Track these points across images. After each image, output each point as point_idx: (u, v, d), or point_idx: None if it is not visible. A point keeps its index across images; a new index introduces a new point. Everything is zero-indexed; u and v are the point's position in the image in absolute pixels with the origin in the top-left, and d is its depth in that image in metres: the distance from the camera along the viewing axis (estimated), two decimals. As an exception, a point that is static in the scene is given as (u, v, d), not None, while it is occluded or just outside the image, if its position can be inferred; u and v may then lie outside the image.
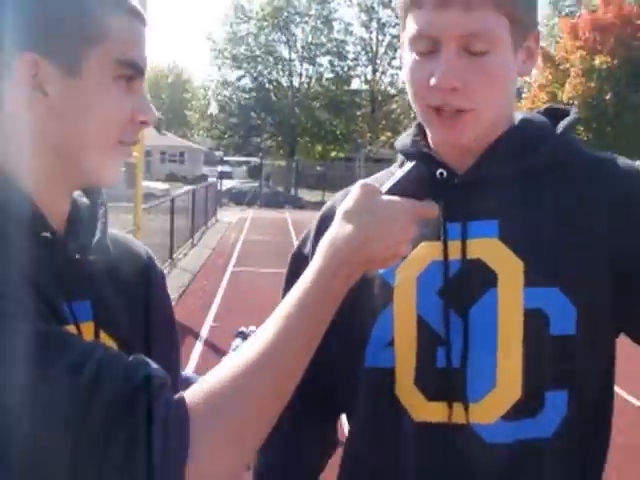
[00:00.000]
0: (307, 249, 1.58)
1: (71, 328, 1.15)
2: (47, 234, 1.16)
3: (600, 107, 35.06)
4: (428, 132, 1.46)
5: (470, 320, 1.33)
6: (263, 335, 1.11)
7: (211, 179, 39.70)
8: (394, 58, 57.55)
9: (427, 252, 1.38)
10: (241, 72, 57.80)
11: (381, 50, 57.78)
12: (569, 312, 1.31)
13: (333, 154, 57.46)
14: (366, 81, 58.01)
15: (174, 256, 15.80)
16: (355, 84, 58.84)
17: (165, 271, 13.92)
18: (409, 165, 1.25)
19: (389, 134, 56.92)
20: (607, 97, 35.05)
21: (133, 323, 1.32)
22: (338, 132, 55.88)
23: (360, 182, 1.21)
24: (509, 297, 1.32)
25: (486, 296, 1.33)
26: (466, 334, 1.32)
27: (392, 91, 57.90)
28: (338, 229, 1.18)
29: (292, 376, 1.12)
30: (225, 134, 57.59)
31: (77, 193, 1.31)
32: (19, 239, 1.10)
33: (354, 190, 1.20)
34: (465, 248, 1.36)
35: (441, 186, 1.40)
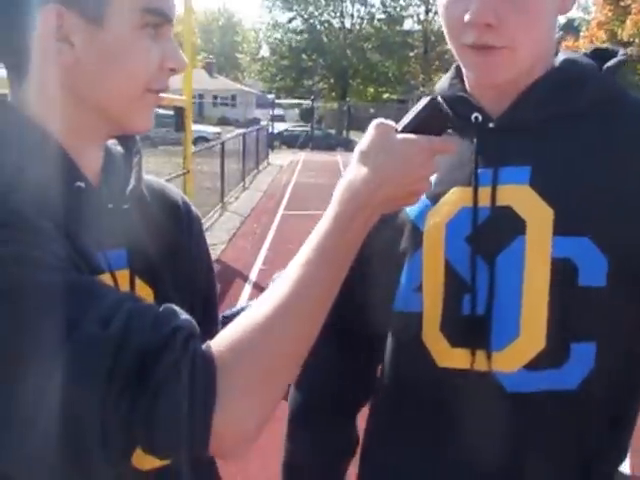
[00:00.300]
0: None
1: (106, 277, 1.15)
2: (81, 184, 1.15)
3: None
4: (464, 73, 1.43)
5: (496, 268, 1.30)
6: (284, 282, 1.09)
7: (263, 122, 39.68)
8: (447, -3, 56.72)
9: (458, 197, 1.36)
10: (292, 14, 57.65)
11: (434, -11, 56.95)
12: (599, 262, 1.27)
13: (385, 96, 57.18)
14: (419, 21, 57.44)
15: (225, 199, 15.88)
16: (407, 24, 58.45)
17: (216, 215, 14.02)
18: (424, 101, 1.18)
19: (442, 75, 56.34)
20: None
21: (170, 269, 1.31)
22: (390, 74, 55.55)
23: (375, 121, 1.17)
24: (537, 245, 1.29)
25: (514, 244, 1.30)
26: (492, 282, 1.30)
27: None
28: (354, 171, 1.15)
29: (315, 320, 1.11)
30: (277, 77, 57.52)
31: (111, 142, 1.31)
32: (53, 188, 1.10)
33: (369, 130, 1.16)
34: (495, 195, 1.33)
35: (476, 130, 1.37)
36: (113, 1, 1.11)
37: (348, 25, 57.13)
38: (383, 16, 57.09)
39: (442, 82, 1.52)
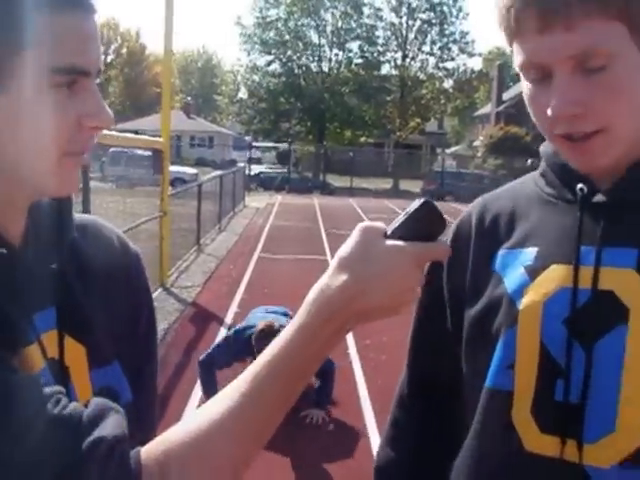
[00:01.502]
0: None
1: (33, 348, 1.09)
2: (1, 250, 1.09)
3: None
4: None
5: (594, 355, 1.24)
6: (232, 395, 1.04)
7: (240, 164, 39.73)
8: (424, 43, 57.35)
9: (557, 276, 1.29)
10: (270, 57, 57.76)
11: (411, 35, 57.49)
12: None
13: (362, 140, 57.40)
14: (395, 66, 57.76)
15: (201, 242, 15.84)
16: (384, 69, 58.77)
17: (192, 257, 14.02)
18: (417, 202, 1.12)
19: (418, 120, 56.80)
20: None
21: (105, 319, 1.25)
22: (367, 118, 55.77)
23: (361, 224, 1.11)
24: (639, 336, 1.22)
25: (614, 332, 1.23)
26: (588, 369, 1.24)
27: (422, 76, 57.66)
28: (331, 278, 1.08)
29: (259, 438, 1.06)
30: (254, 119, 57.51)
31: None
32: None
33: (353, 233, 1.10)
34: (597, 277, 1.26)
35: (580, 203, 1.31)
36: (14, 63, 1.01)
37: (326, 69, 57.45)
38: (361, 61, 57.43)
39: (545, 147, 1.44)
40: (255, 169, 43.23)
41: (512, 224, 1.41)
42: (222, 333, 8.89)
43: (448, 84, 57.55)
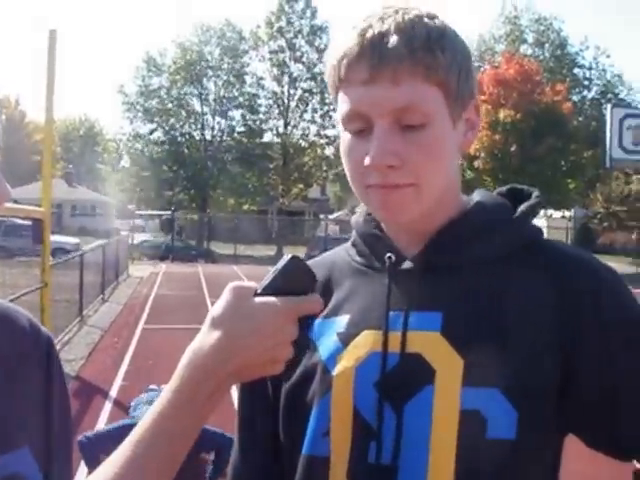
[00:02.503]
0: None
1: None
2: None
3: (505, 159, 36.44)
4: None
5: (404, 416, 1.27)
6: (117, 461, 1.03)
7: (123, 233, 39.31)
8: (305, 112, 58.16)
9: (368, 341, 1.32)
10: (153, 125, 57.68)
11: (292, 104, 58.26)
12: (509, 415, 1.24)
13: (245, 207, 57.57)
14: (278, 134, 58.36)
15: (84, 313, 15.53)
16: (267, 137, 59.26)
17: (75, 328, 13.70)
18: (285, 259, 1.16)
19: (301, 186, 57.33)
20: (512, 149, 36.36)
21: (15, 405, 1.19)
22: (250, 185, 56.05)
23: (231, 284, 1.14)
24: (445, 396, 1.25)
25: (422, 393, 1.27)
26: (399, 430, 1.26)
27: (304, 144, 58.37)
28: (203, 338, 1.10)
29: None
30: (137, 187, 57.17)
31: None
32: None
33: (224, 293, 1.13)
34: (405, 341, 1.30)
35: (388, 271, 1.35)
36: None
37: (209, 137, 57.64)
38: (243, 129, 57.88)
39: (357, 217, 1.49)
40: (138, 238, 42.81)
41: (327, 293, 1.44)
42: (108, 406, 8.69)
43: (329, 151, 58.37)
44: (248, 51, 58.43)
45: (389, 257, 1.36)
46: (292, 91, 58.09)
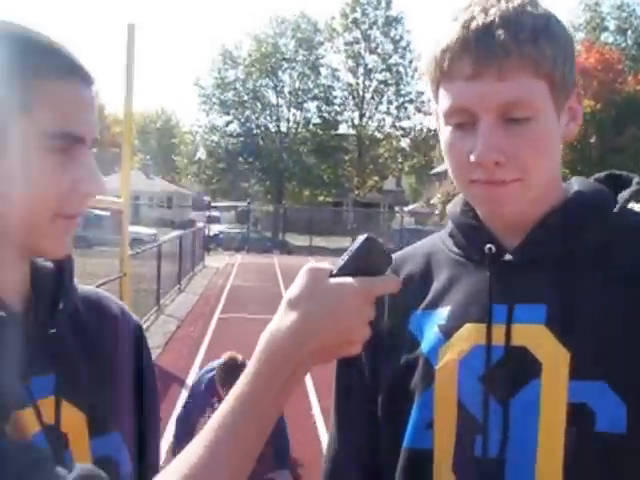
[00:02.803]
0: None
1: (27, 412, 1.08)
2: (1, 313, 1.09)
3: (585, 150, 35.63)
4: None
5: (511, 410, 1.26)
6: (197, 449, 1.02)
7: (199, 224, 39.66)
8: (380, 103, 57.98)
9: (471, 334, 1.31)
10: (229, 117, 58.06)
11: (367, 95, 58.15)
12: (618, 408, 1.21)
13: (321, 199, 57.60)
14: (353, 126, 58.30)
15: (161, 302, 15.72)
16: (342, 129, 59.23)
17: (152, 317, 13.89)
18: (360, 239, 1.12)
19: (376, 178, 57.22)
20: (591, 140, 35.63)
21: (107, 389, 1.24)
22: (325, 177, 56.06)
23: (307, 266, 1.11)
24: (552, 389, 1.24)
25: (529, 387, 1.25)
26: (506, 424, 1.26)
27: (379, 136, 58.21)
28: (280, 321, 1.08)
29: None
30: (213, 179, 57.62)
31: (41, 259, 1.23)
32: None
33: (300, 275, 1.10)
34: (510, 334, 1.28)
35: (489, 263, 1.34)
36: (13, 129, 1.04)
37: (284, 129, 57.80)
38: (318, 120, 57.92)
39: (453, 206, 1.47)
40: (214, 229, 43.18)
41: (424, 285, 1.43)
42: (184, 395, 8.79)
43: (405, 143, 58.20)
44: (323, 43, 58.46)
45: (489, 249, 1.34)
46: (367, 82, 58.02)
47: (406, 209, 62.80)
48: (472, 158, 1.23)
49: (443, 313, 1.36)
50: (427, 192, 73.71)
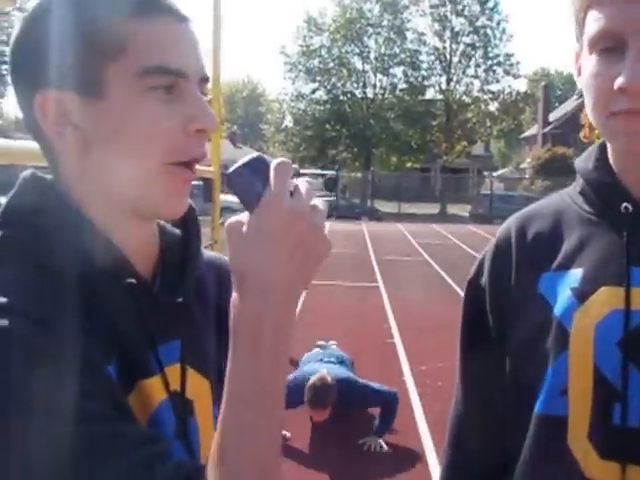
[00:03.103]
0: (484, 279, 1.47)
1: (155, 380, 1.08)
2: (132, 280, 1.06)
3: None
4: (612, 157, 1.34)
5: None
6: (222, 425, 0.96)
7: (287, 192, 39.79)
8: (468, 67, 57.19)
9: (607, 298, 1.26)
10: (315, 85, 58.00)
11: (455, 59, 57.41)
12: None
13: (409, 165, 57.31)
14: (440, 91, 57.65)
15: (251, 270, 15.84)
16: (429, 94, 58.64)
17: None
18: (245, 160, 0.96)
19: (464, 143, 56.56)
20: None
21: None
22: (413, 142, 55.68)
23: (226, 228, 0.96)
24: None
25: None
26: None
27: (467, 100, 57.48)
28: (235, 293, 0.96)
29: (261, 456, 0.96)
30: (300, 147, 57.73)
31: (169, 226, 1.22)
32: (104, 287, 1.03)
33: (228, 237, 0.96)
34: None
35: (627, 222, 1.28)
36: (109, 70, 1.01)
37: (371, 95, 57.54)
38: (405, 86, 57.44)
39: (583, 161, 1.40)
40: (302, 196, 43.10)
41: (554, 245, 1.38)
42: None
43: (493, 107, 57.29)
44: (408, 6, 57.77)
45: (626, 207, 1.28)
46: (454, 46, 57.24)
47: (495, 174, 62.14)
48: (617, 83, 1.17)
49: (576, 275, 1.31)
50: (516, 157, 72.82)
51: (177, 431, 1.11)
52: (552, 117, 62.65)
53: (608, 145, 1.36)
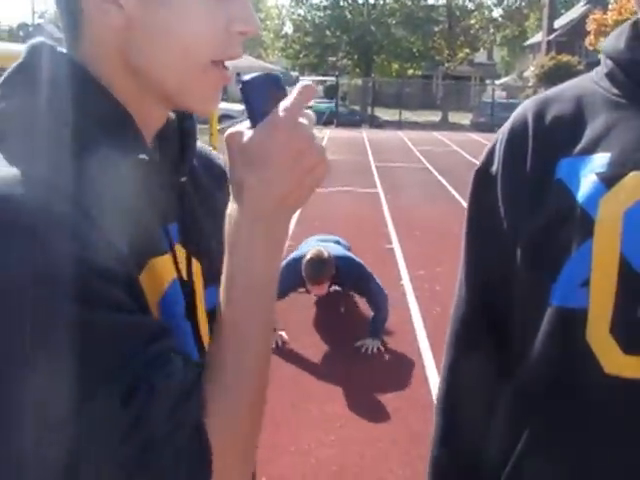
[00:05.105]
0: (494, 167, 1.39)
1: (166, 258, 1.08)
2: (144, 156, 1.05)
3: None
4: None
5: None
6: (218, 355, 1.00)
7: (287, 99, 39.54)
8: (472, -29, 56.23)
9: (638, 184, 1.18)
10: (315, -11, 57.11)
11: (459, -37, 56.41)
12: None
13: (410, 72, 56.90)
14: (443, -4, 56.81)
15: (250, 176, 15.85)
16: (431, -1, 57.76)
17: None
18: (262, 74, 1.00)
19: (467, 50, 56.01)
20: None
21: (219, 242, 1.17)
22: (415, 49, 55.17)
23: (226, 138, 0.98)
24: None
25: None
26: None
27: (470, 6, 56.75)
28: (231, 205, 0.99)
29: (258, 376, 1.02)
30: (300, 54, 57.16)
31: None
32: (118, 159, 1.01)
33: (227, 147, 0.98)
34: None
35: None
36: None
37: (372, 0, 56.76)
38: (407, -9, 56.70)
39: (613, 41, 1.32)
40: (302, 104, 42.86)
41: (576, 128, 1.29)
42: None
43: (497, 13, 56.79)
44: None
45: None
46: (458, -51, 56.16)
47: (498, 82, 61.59)
48: None
49: (602, 160, 1.22)
50: (520, 65, 72.03)
51: (187, 312, 1.13)
52: (557, 24, 61.67)
53: None
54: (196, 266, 1.17)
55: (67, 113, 1.00)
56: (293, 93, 0.97)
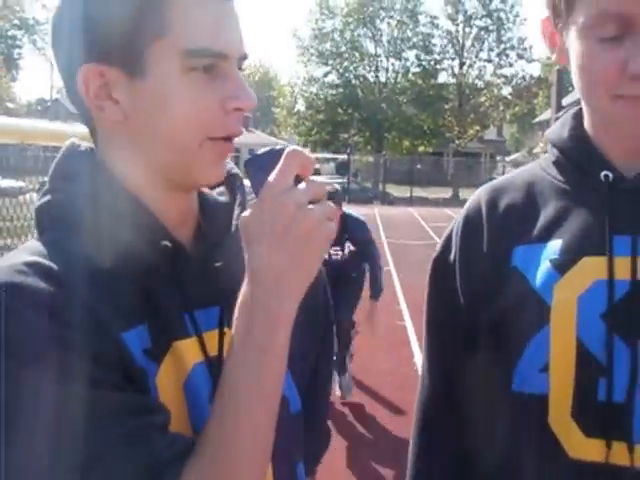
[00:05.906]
0: (452, 255, 1.42)
1: (191, 341, 1.09)
2: (166, 242, 1.08)
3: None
4: (590, 121, 1.31)
5: (639, 351, 1.17)
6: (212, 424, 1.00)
7: (299, 176, 39.80)
8: (481, 50, 56.95)
9: (589, 269, 1.22)
10: (327, 68, 57.90)
11: (468, 43, 57.17)
12: None
13: (421, 149, 57.14)
14: (453, 74, 57.47)
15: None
16: (442, 78, 58.54)
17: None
18: (264, 150, 1.03)
19: (477, 128, 56.35)
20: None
21: None
22: (425, 127, 55.50)
23: (240, 226, 1.01)
24: None
25: None
26: (634, 367, 1.17)
27: (480, 84, 57.24)
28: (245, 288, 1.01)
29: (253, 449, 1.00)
30: (312, 130, 57.63)
31: (217, 190, 1.24)
32: (136, 248, 1.05)
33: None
34: (636, 267, 1.19)
35: (607, 191, 1.25)
36: (152, 49, 1.04)
37: (383, 79, 57.39)
38: (418, 70, 57.25)
39: (557, 130, 1.36)
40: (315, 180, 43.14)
41: (528, 217, 1.33)
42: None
43: (506, 91, 57.06)
44: (422, -10, 57.54)
45: (606, 175, 1.25)
46: (467, 29, 57.03)
47: (508, 159, 61.89)
48: (631, 70, 1.12)
49: (555, 247, 1.26)
50: (529, 141, 72.41)
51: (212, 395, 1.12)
52: (566, 102, 62.06)
53: (585, 115, 1.33)
54: None
55: (87, 214, 1.06)
56: (280, 162, 0.98)
